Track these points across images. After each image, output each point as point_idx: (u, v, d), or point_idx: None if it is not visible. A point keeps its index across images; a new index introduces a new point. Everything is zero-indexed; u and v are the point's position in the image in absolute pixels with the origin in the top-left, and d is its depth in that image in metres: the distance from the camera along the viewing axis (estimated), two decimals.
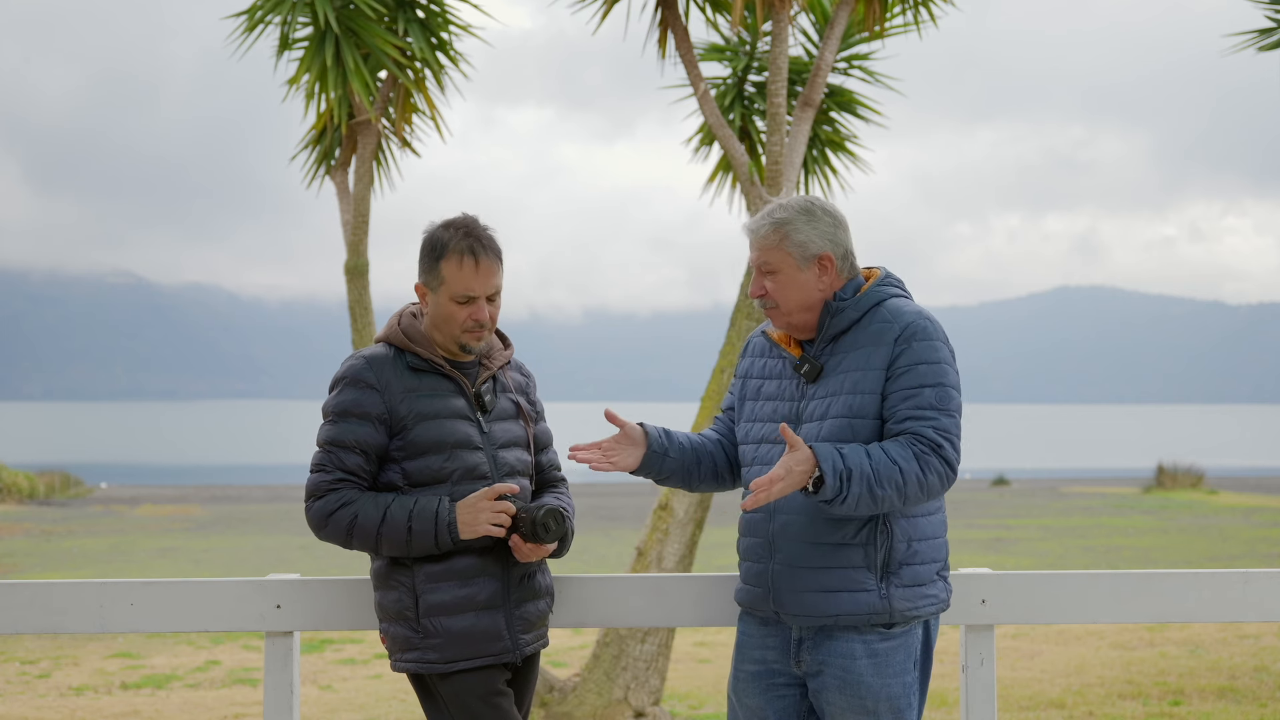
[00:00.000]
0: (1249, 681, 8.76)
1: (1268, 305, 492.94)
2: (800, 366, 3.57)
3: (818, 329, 3.57)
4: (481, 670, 3.57)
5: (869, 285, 3.58)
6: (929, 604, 3.52)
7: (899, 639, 3.50)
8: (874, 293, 3.56)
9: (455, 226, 3.63)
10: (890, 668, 3.49)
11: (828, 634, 3.51)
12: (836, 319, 3.54)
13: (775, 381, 3.64)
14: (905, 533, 3.48)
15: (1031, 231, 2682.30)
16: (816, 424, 3.50)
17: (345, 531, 3.55)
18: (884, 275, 3.62)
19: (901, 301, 3.56)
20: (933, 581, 3.52)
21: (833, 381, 3.52)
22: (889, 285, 3.59)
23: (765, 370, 3.68)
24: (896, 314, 3.51)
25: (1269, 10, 9.14)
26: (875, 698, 3.48)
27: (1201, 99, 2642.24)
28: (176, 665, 9.99)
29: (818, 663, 3.52)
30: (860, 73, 8.81)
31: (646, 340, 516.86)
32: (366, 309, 8.21)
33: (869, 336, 3.50)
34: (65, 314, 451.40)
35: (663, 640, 7.57)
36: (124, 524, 23.65)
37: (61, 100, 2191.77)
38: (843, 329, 3.54)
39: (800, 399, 3.57)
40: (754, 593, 3.60)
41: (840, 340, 3.54)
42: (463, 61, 8.29)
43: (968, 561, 16.16)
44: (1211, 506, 26.19)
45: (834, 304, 3.54)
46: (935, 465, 3.39)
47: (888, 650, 3.49)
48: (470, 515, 3.53)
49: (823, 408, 3.50)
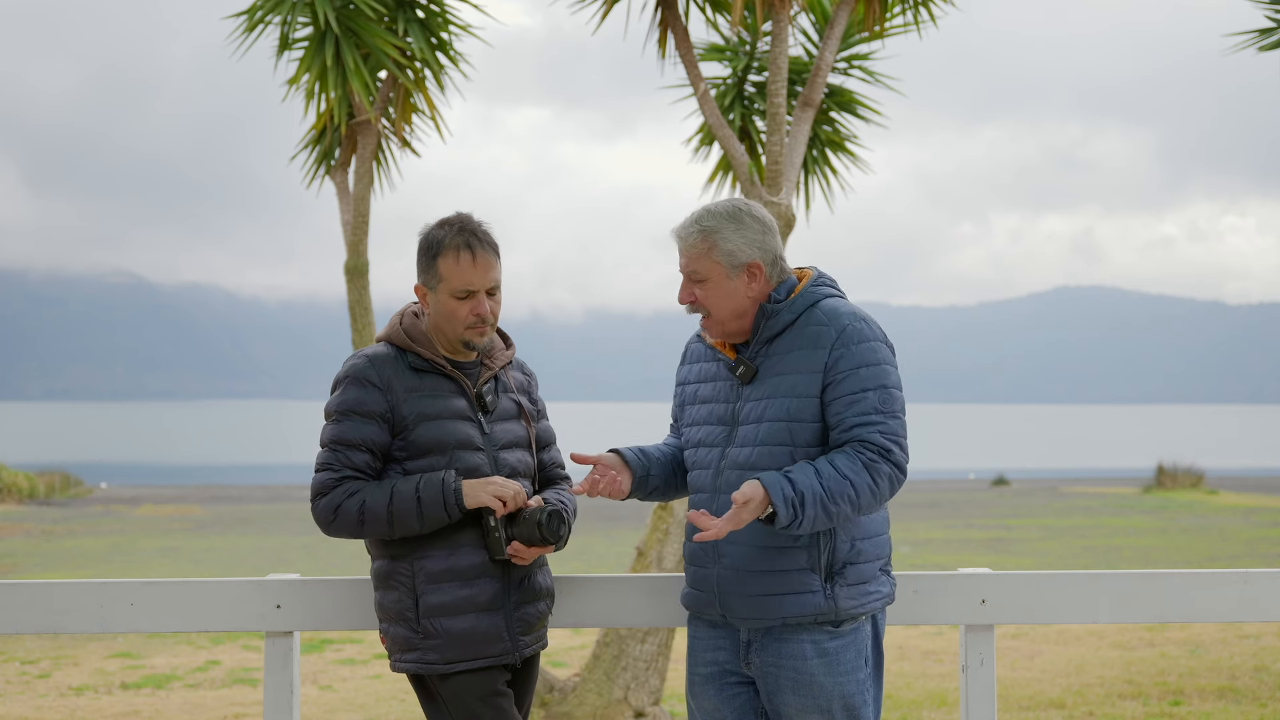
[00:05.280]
0: (1249, 681, 8.75)
1: (1268, 305, 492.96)
2: (735, 369, 3.57)
3: (752, 331, 3.57)
4: (482, 671, 3.57)
5: (802, 286, 3.57)
6: (874, 600, 3.53)
7: (848, 637, 3.51)
8: (808, 294, 3.56)
9: (450, 224, 3.64)
10: (841, 666, 3.50)
11: (776, 635, 3.52)
12: (771, 321, 3.54)
13: (711, 384, 3.65)
14: (848, 532, 3.49)
15: (1031, 231, 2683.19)
16: (754, 426, 3.50)
17: (356, 519, 3.54)
18: (817, 275, 3.62)
19: (836, 302, 3.56)
20: (876, 578, 3.54)
21: (769, 384, 3.52)
22: (822, 285, 3.59)
23: (701, 374, 3.70)
24: (832, 316, 3.50)
25: (1269, 10, 9.14)
26: (828, 696, 3.49)
27: (1203, 99, 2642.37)
28: (176, 665, 9.99)
29: (768, 664, 3.53)
30: (860, 73, 8.80)
31: (647, 340, 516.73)
32: (366, 309, 8.21)
33: (805, 339, 3.50)
34: (65, 314, 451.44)
35: (663, 640, 7.57)
36: (124, 524, 23.65)
37: (60, 99, 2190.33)
38: (777, 331, 3.54)
39: (736, 400, 3.57)
40: (700, 597, 3.62)
41: (775, 342, 3.54)
42: (462, 61, 8.29)
43: (968, 561, 16.16)
44: (1211, 506, 26.19)
45: (768, 306, 3.54)
46: (885, 471, 3.40)
47: (838, 649, 3.50)
48: (474, 488, 3.54)
49: (759, 410, 3.51)
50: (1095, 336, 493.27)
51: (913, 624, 3.96)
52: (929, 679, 8.94)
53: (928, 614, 3.95)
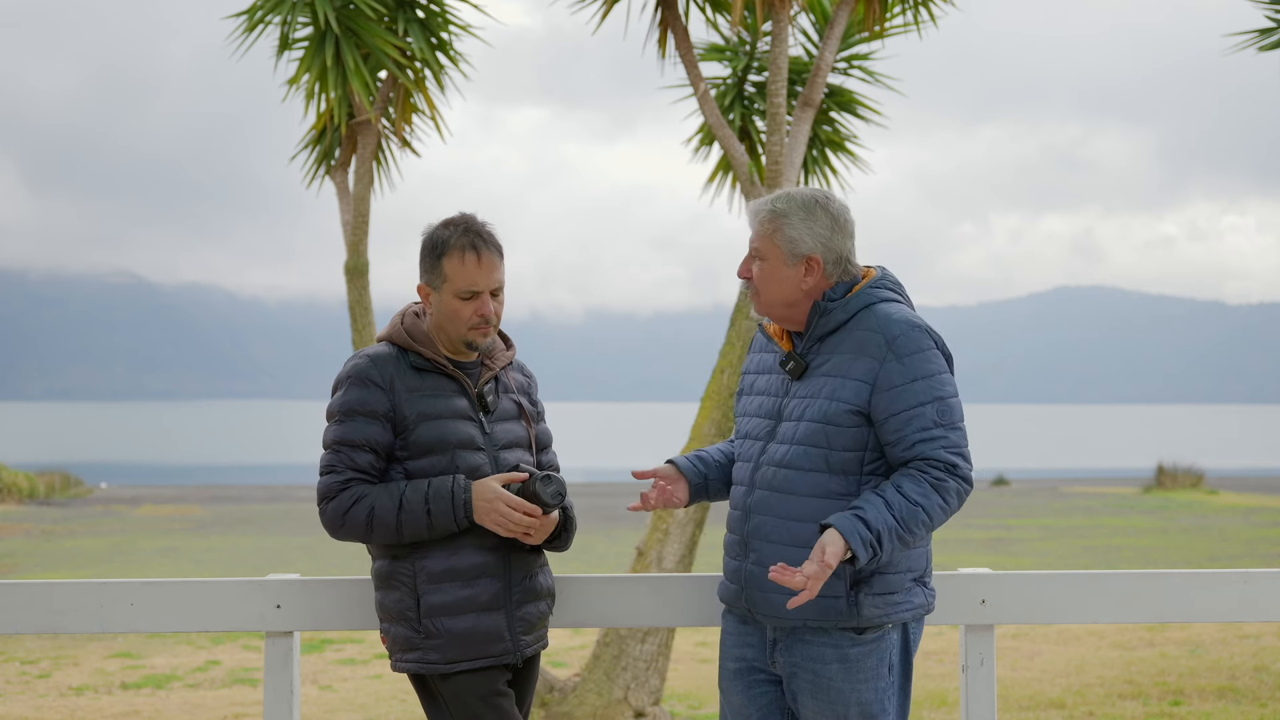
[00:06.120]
0: (1249, 681, 8.75)
1: (1268, 305, 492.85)
2: (786, 363, 3.55)
3: (806, 326, 3.54)
4: (482, 671, 3.57)
5: (860, 286, 3.52)
6: (903, 610, 3.46)
7: (871, 644, 3.45)
8: (864, 295, 3.50)
9: (454, 224, 3.63)
10: (861, 673, 3.44)
11: (799, 636, 3.49)
12: (824, 319, 3.50)
13: (766, 376, 3.64)
14: None
15: (1031, 231, 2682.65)
16: (794, 424, 3.48)
17: (364, 526, 3.54)
18: (878, 277, 3.56)
19: (891, 307, 3.49)
20: (907, 589, 3.47)
21: (814, 383, 3.49)
22: (882, 288, 3.53)
23: (760, 365, 3.68)
24: (884, 323, 3.44)
25: (1269, 10, 9.14)
26: (845, 703, 3.45)
27: (1203, 99, 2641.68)
28: (176, 665, 9.99)
29: (791, 664, 3.51)
30: (860, 73, 8.81)
31: (647, 340, 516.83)
32: (366, 309, 8.21)
33: (853, 343, 3.45)
34: (65, 314, 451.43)
35: (663, 640, 7.57)
36: (124, 524, 23.64)
37: (60, 99, 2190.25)
38: (830, 329, 3.50)
39: (784, 395, 3.55)
40: (730, 589, 3.61)
41: (827, 341, 3.51)
42: (462, 61, 8.29)
43: (968, 561, 16.16)
44: (1211, 506, 26.19)
45: (822, 304, 3.50)
46: (953, 487, 3.36)
47: (859, 655, 3.44)
48: (486, 506, 3.53)
49: (801, 408, 3.48)
50: (1095, 336, 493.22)
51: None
52: (929, 679, 8.94)
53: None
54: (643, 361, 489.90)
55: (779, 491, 3.47)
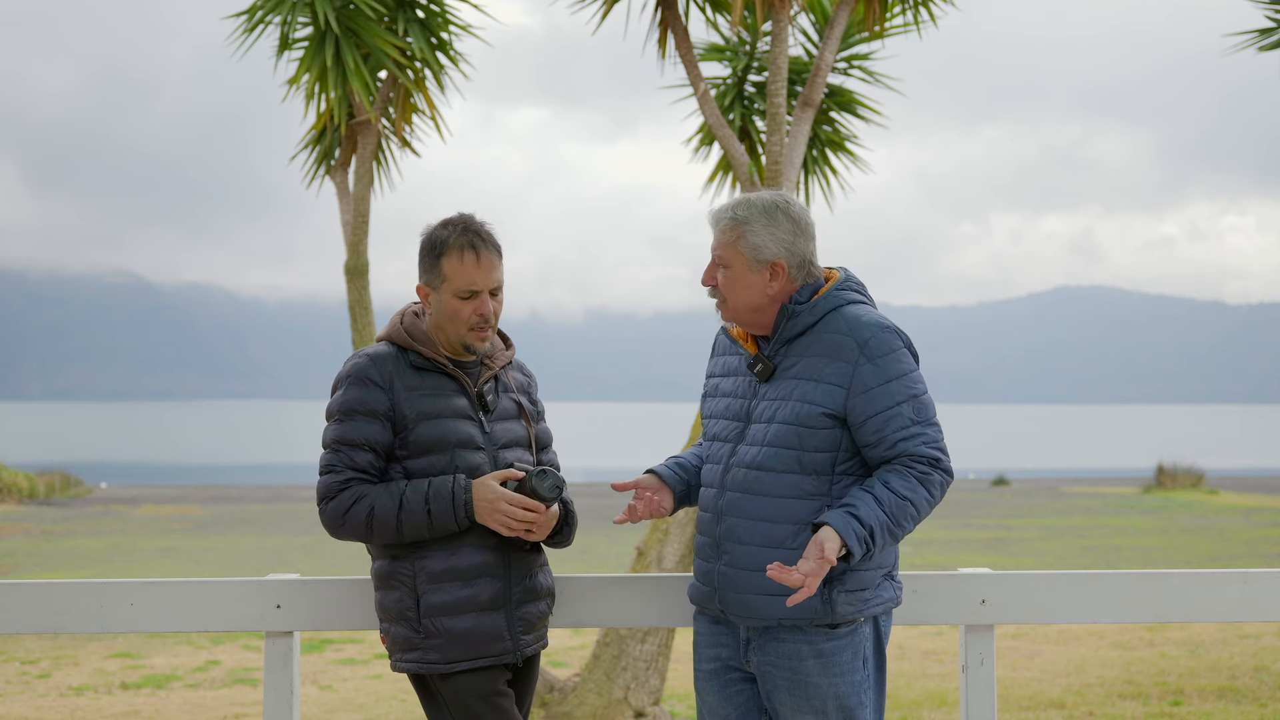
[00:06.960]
0: (1249, 681, 8.76)
1: (1268, 305, 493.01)
2: (754, 365, 3.57)
3: (773, 330, 3.56)
4: (482, 671, 3.57)
5: (826, 289, 3.55)
6: (875, 605, 3.51)
7: (845, 638, 3.49)
8: (830, 298, 3.53)
9: (453, 224, 3.64)
10: (837, 667, 3.48)
11: (773, 635, 3.51)
12: (791, 322, 3.52)
13: (732, 379, 3.66)
14: None
15: (1031, 231, 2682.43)
16: (764, 426, 3.50)
17: (364, 526, 3.54)
18: (843, 279, 3.59)
19: (859, 309, 3.53)
20: (878, 584, 3.52)
21: (784, 385, 3.51)
22: (847, 290, 3.56)
23: (725, 368, 3.70)
24: (854, 326, 3.48)
25: (1269, 10, 9.14)
26: (823, 697, 3.48)
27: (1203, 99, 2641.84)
28: (176, 665, 9.99)
29: (766, 663, 3.53)
30: (860, 73, 8.81)
31: (647, 340, 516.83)
32: (366, 309, 8.22)
33: (823, 345, 3.48)
34: (65, 314, 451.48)
35: (663, 640, 7.57)
36: (124, 524, 23.64)
37: (60, 99, 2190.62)
38: (797, 332, 3.53)
39: (752, 397, 3.57)
40: (703, 591, 3.62)
41: (795, 344, 3.53)
42: (462, 61, 8.29)
43: (968, 561, 16.16)
44: (1211, 506, 26.19)
45: (790, 307, 3.52)
46: (937, 480, 3.44)
47: (834, 649, 3.48)
48: (488, 506, 3.53)
49: (771, 410, 3.51)
50: (1095, 336, 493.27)
51: (913, 624, 3.96)
52: (929, 679, 8.95)
53: (928, 614, 3.95)
54: (643, 361, 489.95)
55: (751, 493, 3.49)
